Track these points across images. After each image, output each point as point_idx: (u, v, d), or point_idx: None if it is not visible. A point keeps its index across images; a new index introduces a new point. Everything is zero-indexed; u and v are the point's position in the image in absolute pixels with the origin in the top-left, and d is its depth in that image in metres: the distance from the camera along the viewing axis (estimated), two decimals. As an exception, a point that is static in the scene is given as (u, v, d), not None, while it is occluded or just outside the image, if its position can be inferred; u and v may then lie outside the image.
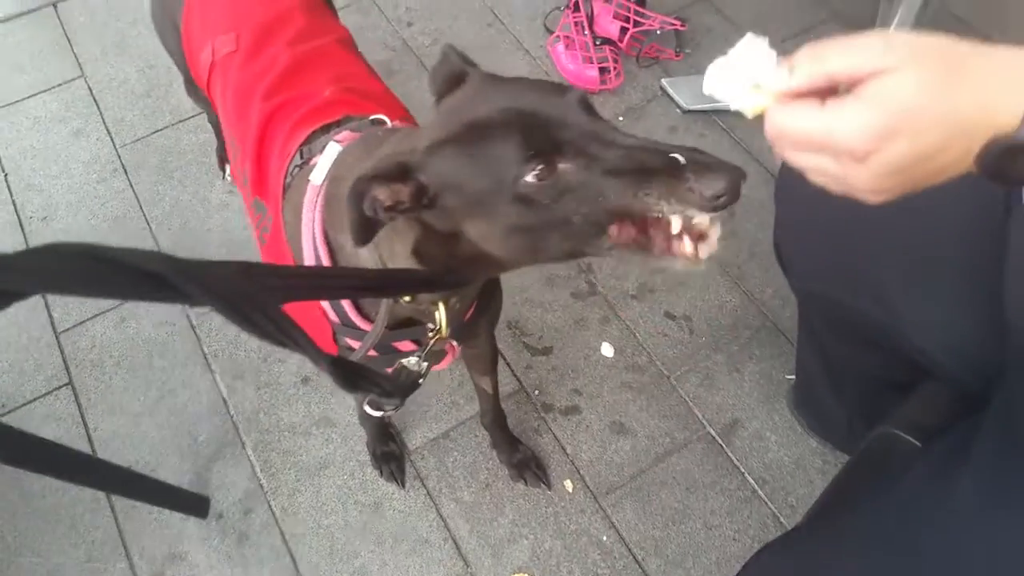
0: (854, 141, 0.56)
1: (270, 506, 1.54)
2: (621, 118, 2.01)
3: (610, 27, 2.05)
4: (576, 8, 2.06)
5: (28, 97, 2.12)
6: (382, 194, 0.74)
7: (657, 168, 0.67)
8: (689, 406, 1.61)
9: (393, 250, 0.86)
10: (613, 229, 0.71)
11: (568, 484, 1.53)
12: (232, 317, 0.58)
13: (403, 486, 1.54)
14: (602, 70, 2.01)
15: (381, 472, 1.55)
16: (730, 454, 1.56)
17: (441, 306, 0.92)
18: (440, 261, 0.84)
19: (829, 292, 1.17)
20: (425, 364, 0.97)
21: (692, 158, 0.67)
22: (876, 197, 0.60)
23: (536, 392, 1.64)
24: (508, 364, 1.68)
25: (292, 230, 1.01)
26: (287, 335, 0.61)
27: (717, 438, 1.58)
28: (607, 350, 1.68)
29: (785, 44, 2.11)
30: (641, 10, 2.07)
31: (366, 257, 0.89)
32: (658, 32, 2.06)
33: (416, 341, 0.99)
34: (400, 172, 0.75)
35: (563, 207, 0.71)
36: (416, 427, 1.61)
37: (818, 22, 2.20)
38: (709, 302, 1.75)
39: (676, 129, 1.99)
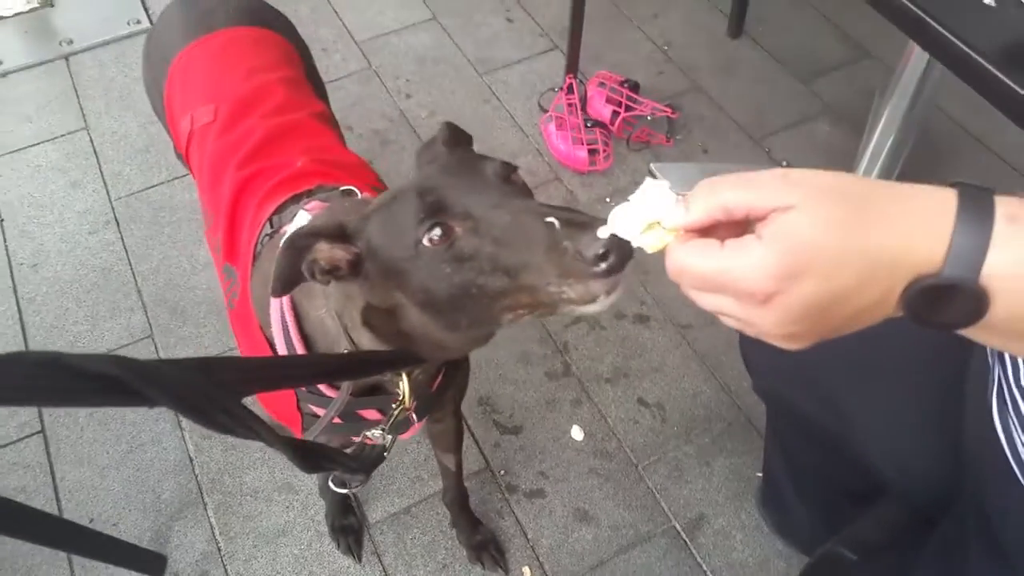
0: (752, 282, 0.52)
1: (226, 570, 1.54)
2: (608, 199, 2.04)
3: (603, 110, 2.11)
4: (570, 90, 2.12)
5: (31, 146, 2.18)
6: (322, 256, 0.77)
7: (538, 241, 0.65)
8: (656, 497, 1.61)
9: (352, 317, 0.87)
10: (509, 302, 0.70)
11: (526, 571, 1.52)
12: (193, 418, 0.60)
13: (359, 560, 1.53)
14: (592, 151, 2.05)
15: (338, 544, 1.54)
16: (694, 551, 1.55)
17: (404, 377, 0.92)
18: (387, 332, 0.85)
19: (785, 393, 1.18)
20: (390, 437, 0.97)
21: (565, 218, 0.64)
22: (789, 343, 0.57)
23: (502, 472, 1.64)
24: (476, 441, 1.68)
25: (260, 298, 1.03)
26: (248, 428, 0.63)
27: (682, 533, 1.57)
28: (577, 433, 1.69)
29: (777, 136, 2.17)
30: (634, 96, 2.13)
31: (330, 324, 0.90)
32: (649, 118, 2.11)
33: (381, 411, 0.99)
34: (338, 232, 0.78)
35: (461, 276, 0.70)
36: (378, 500, 1.61)
37: (810, 116, 2.25)
38: (684, 391, 1.75)
39: (663, 214, 2.02)
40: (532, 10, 2.51)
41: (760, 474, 1.61)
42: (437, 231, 0.70)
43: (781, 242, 0.52)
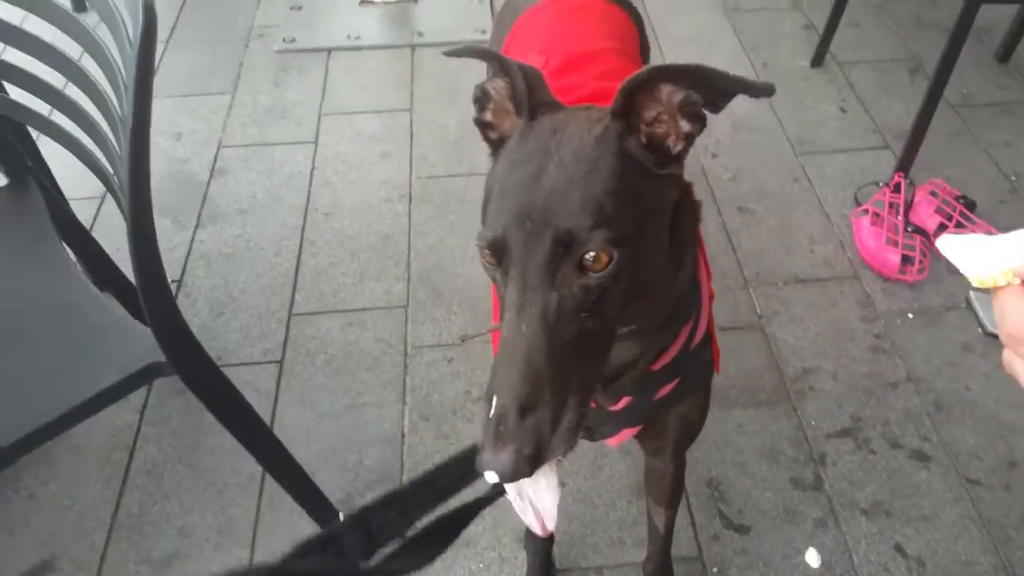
0: None
1: (400, 559, 1.38)
2: (911, 315, 1.71)
3: (928, 220, 1.79)
4: (896, 189, 1.83)
5: (359, 113, 2.25)
6: (496, 98, 0.71)
7: (489, 394, 0.59)
8: (892, 667, 1.25)
9: None
10: None
11: None
12: None
13: None
14: (905, 258, 1.73)
15: None
16: None
17: None
18: None
19: None
20: None
21: (496, 417, 0.56)
22: None
23: (715, 569, 1.36)
24: (693, 523, 1.41)
25: None
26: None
27: None
28: (813, 558, 1.36)
29: None
30: (968, 214, 1.79)
31: None
32: None
33: None
34: (520, 98, 0.68)
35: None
36: (571, 547, 1.38)
37: None
38: (954, 554, 1.37)
39: (971, 349, 1.65)
40: (870, 106, 2.24)
41: None
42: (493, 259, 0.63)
43: None
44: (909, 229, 1.77)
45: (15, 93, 1.19)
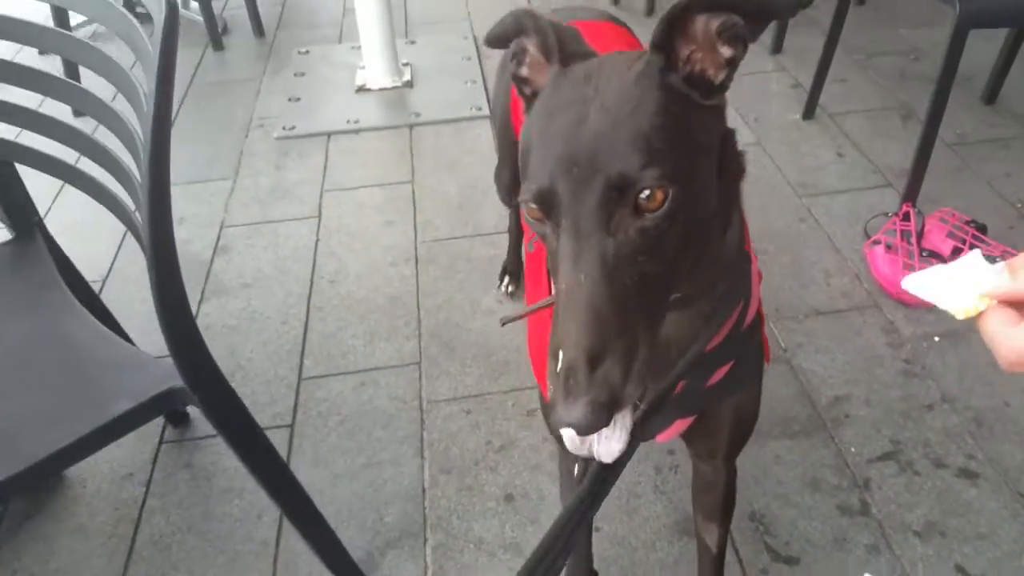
0: None
1: (428, 620, 1.32)
2: (937, 339, 1.71)
3: (941, 245, 1.82)
4: (906, 218, 1.87)
5: (361, 187, 2.32)
6: (530, 57, 0.73)
7: (553, 345, 0.58)
8: None
9: None
10: None
11: None
12: None
13: None
14: (924, 283, 1.75)
15: None
16: None
17: None
18: None
19: None
20: None
21: (565, 371, 0.55)
22: None
23: (768, 602, 1.30)
24: (740, 560, 1.36)
25: None
26: None
27: None
28: (870, 583, 1.31)
29: None
30: (981, 236, 1.82)
31: None
32: (996, 259, 1.78)
33: None
34: (548, 51, 0.70)
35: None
36: (614, 587, 1.32)
37: None
38: (1020, 570, 1.31)
39: (995, 365, 1.64)
40: (867, 150, 2.33)
41: None
42: (541, 213, 0.63)
43: None
44: (924, 254, 1.79)
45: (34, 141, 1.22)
